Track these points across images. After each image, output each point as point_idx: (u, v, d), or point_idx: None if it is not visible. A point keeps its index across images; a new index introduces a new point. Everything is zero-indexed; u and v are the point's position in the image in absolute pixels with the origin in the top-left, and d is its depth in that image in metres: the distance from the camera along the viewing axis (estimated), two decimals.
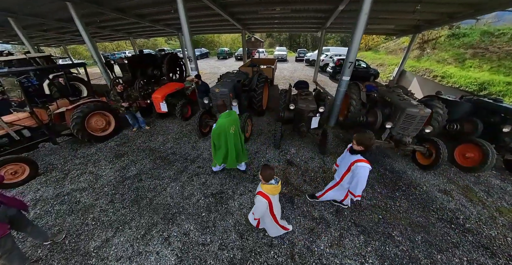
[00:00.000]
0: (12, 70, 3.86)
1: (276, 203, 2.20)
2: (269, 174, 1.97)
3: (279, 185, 2.06)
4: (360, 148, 2.25)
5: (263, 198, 1.99)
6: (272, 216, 2.25)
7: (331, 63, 11.73)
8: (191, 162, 4.29)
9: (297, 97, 4.77)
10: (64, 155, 4.77)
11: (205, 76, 13.02)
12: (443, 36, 10.71)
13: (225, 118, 3.09)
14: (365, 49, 20.86)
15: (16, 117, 4.11)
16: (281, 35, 35.48)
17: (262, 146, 4.92)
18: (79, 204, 3.29)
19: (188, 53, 5.84)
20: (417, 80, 8.44)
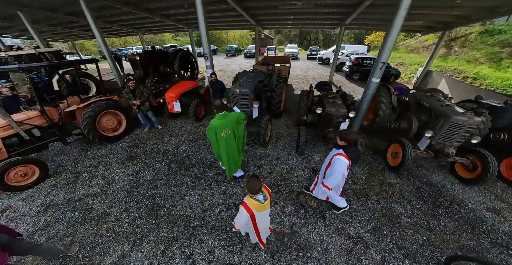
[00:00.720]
0: (23, 66, 3.71)
1: (263, 218, 2.02)
2: (255, 187, 1.81)
3: (265, 204, 1.91)
4: (343, 143, 2.34)
5: (245, 210, 1.85)
6: (256, 231, 2.10)
7: (348, 62, 11.31)
8: (208, 168, 4.07)
9: (323, 100, 4.47)
10: (74, 156, 4.62)
11: None
12: (473, 33, 10.04)
13: (218, 120, 2.85)
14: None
15: (26, 115, 3.96)
16: (290, 32, 34.91)
17: (282, 152, 4.65)
18: (92, 212, 3.11)
19: (204, 50, 5.62)
20: (446, 81, 7.93)
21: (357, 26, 9.72)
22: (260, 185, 1.84)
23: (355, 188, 3.66)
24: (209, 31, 14.36)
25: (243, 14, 8.30)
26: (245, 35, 30.90)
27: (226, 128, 2.91)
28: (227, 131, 2.92)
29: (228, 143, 3.00)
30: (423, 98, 4.22)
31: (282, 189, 3.56)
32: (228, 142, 2.99)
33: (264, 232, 2.23)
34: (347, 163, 2.27)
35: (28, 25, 8.17)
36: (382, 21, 8.22)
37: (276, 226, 2.90)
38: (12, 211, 3.23)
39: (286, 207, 3.22)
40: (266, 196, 1.94)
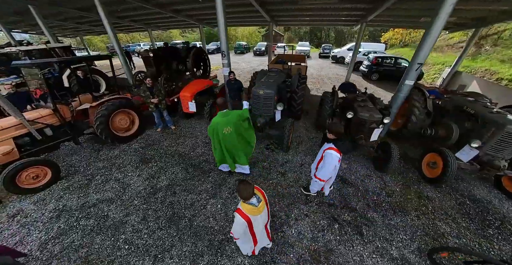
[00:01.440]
0: (37, 62, 3.58)
1: (259, 223, 1.97)
2: (246, 192, 1.77)
3: (260, 206, 1.87)
4: (332, 136, 2.46)
5: (241, 217, 1.79)
6: (252, 236, 2.02)
7: (366, 61, 10.91)
8: (228, 174, 3.87)
9: (351, 103, 4.20)
10: (85, 156, 4.49)
11: None
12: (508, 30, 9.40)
13: (220, 117, 3.00)
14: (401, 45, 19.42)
15: (38, 114, 3.83)
16: (300, 29, 34.31)
17: (306, 158, 4.41)
18: (108, 220, 2.94)
19: (222, 47, 5.42)
20: (478, 83, 7.43)
21: (379, 23, 9.30)
22: (252, 189, 1.80)
23: (391, 201, 3.39)
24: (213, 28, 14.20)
25: (259, 10, 8.07)
26: (253, 32, 30.59)
27: (228, 125, 3.00)
28: (228, 128, 3.02)
29: (229, 140, 3.10)
30: (466, 103, 3.90)
31: (311, 200, 3.32)
32: (229, 139, 3.09)
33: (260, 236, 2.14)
34: (338, 156, 2.39)
35: (38, 20, 8.16)
36: (409, 17, 7.81)
37: (310, 242, 2.67)
38: (23, 215, 3.09)
39: (318, 220, 2.98)
40: (260, 198, 1.91)
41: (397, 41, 19.74)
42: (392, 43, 20.30)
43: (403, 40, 19.60)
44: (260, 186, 3.55)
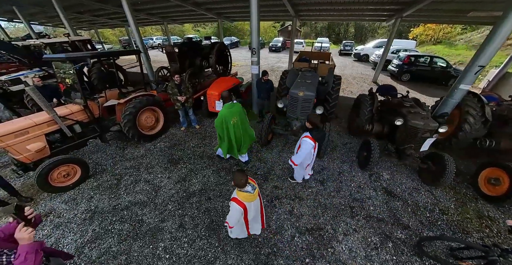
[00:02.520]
0: (72, 56, 3.56)
1: (252, 209, 2.12)
2: (242, 181, 1.94)
3: (255, 193, 2.05)
4: (309, 125, 2.82)
5: (238, 205, 1.95)
6: (246, 223, 2.22)
7: (395, 59, 10.39)
8: (264, 180, 3.73)
9: (398, 108, 3.93)
10: (111, 154, 4.49)
11: (242, 69, 12.52)
12: None
13: (227, 109, 3.33)
14: (433, 42, 18.12)
15: (69, 110, 3.83)
16: (317, 24, 33.46)
17: (343, 165, 4.20)
18: (143, 225, 2.88)
19: (252, 43, 5.26)
20: None
21: (416, 18, 8.74)
22: (246, 178, 1.97)
23: (447, 219, 3.14)
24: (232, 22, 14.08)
25: (285, 3, 7.85)
26: (268, 27, 30.24)
27: (234, 116, 3.38)
28: (235, 119, 3.40)
29: (236, 129, 3.48)
30: None
31: (357, 213, 3.13)
32: (236, 128, 3.47)
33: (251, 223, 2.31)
34: (312, 144, 2.75)
35: (60, 12, 8.29)
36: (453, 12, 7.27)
37: (365, 262, 2.49)
38: (56, 215, 3.09)
39: (369, 237, 2.79)
40: (254, 186, 2.08)
41: (428, 38, 18.59)
42: (422, 39, 19.15)
43: (435, 36, 18.33)
44: (299, 195, 3.41)
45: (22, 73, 6.58)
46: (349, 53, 18.15)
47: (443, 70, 9.14)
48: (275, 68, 13.49)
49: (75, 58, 3.56)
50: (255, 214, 2.23)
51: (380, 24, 29.10)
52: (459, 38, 15.67)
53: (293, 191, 3.49)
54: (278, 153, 4.54)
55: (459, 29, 16.56)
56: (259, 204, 2.24)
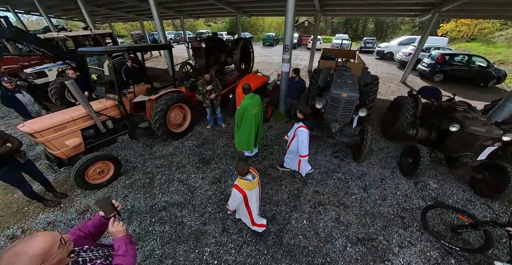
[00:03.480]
0: (110, 50, 3.57)
1: (253, 198, 2.30)
2: (243, 169, 2.11)
3: (255, 181, 2.22)
4: (301, 115, 3.19)
5: (238, 192, 2.13)
6: (248, 211, 2.36)
7: (427, 58, 9.96)
8: (302, 183, 3.64)
9: (451, 113, 3.72)
10: (139, 152, 4.52)
11: (257, 66, 12.42)
12: None
13: (247, 100, 3.48)
14: (466, 39, 16.95)
15: (103, 105, 3.85)
16: (333, 19, 32.64)
17: (384, 171, 4.05)
18: (185, 228, 2.85)
19: (285, 40, 5.15)
20: None
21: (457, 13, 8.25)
22: (248, 167, 2.15)
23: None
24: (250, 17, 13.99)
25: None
26: (282, 22, 29.87)
27: (255, 106, 3.54)
28: (255, 109, 3.55)
29: (257, 120, 3.66)
30: None
31: (409, 224, 2.99)
32: (257, 119, 3.65)
33: (255, 211, 2.44)
34: (307, 132, 3.12)
35: (81, 4, 8.46)
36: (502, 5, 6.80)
37: None
38: (92, 213, 3.11)
39: (428, 251, 2.65)
40: (254, 175, 2.26)
41: (460, 34, 17.34)
42: (453, 36, 17.87)
43: (469, 33, 17.08)
44: (342, 201, 3.29)
45: (46, 66, 6.75)
46: (370, 51, 17.69)
47: (483, 70, 8.68)
48: (294, 65, 13.31)
49: (113, 52, 3.56)
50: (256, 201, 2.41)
51: (403, 20, 28.18)
52: (498, 34, 14.66)
53: (336, 197, 3.39)
54: (312, 155, 4.42)
55: (499, 23, 15.42)
56: (258, 192, 2.45)
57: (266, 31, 28.62)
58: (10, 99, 4.32)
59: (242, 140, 3.74)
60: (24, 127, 3.04)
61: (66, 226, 2.93)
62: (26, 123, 3.10)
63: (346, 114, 3.97)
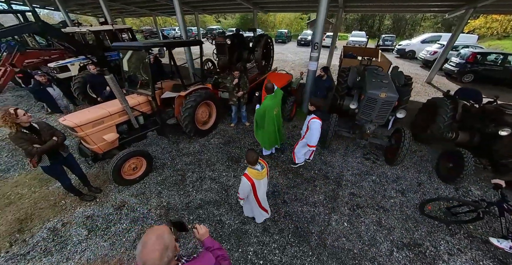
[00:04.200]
0: (148, 45, 3.65)
1: (261, 187, 2.48)
2: (253, 158, 2.25)
3: (263, 172, 2.37)
4: (312, 108, 3.30)
5: (246, 180, 2.30)
6: (256, 199, 2.52)
7: (455, 57, 9.69)
8: (337, 185, 3.64)
9: (502, 117, 3.62)
10: (166, 148, 4.61)
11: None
12: None
13: (270, 100, 3.59)
14: (498, 36, 16.24)
15: (136, 101, 3.95)
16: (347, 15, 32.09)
17: (420, 175, 3.99)
18: (224, 227, 2.90)
19: (316, 37, 5.14)
20: None
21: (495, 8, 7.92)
22: (257, 156, 2.29)
23: None
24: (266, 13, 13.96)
25: None
26: (295, 18, 29.77)
27: (276, 107, 3.68)
28: (276, 109, 3.70)
29: (278, 119, 3.81)
30: None
31: (456, 232, 2.94)
32: (278, 118, 3.81)
33: (263, 200, 2.63)
34: (320, 122, 3.23)
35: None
36: None
37: None
38: (130, 209, 3.21)
39: (480, 260, 2.61)
40: (263, 166, 2.40)
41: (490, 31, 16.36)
42: (482, 33, 16.90)
43: (500, 30, 16.14)
44: (381, 204, 3.27)
45: (69, 61, 6.95)
46: (389, 49, 17.37)
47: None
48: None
49: (151, 47, 3.63)
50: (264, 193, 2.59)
51: (424, 16, 27.45)
52: None
53: (374, 200, 3.37)
54: (342, 157, 4.42)
55: None
56: (267, 183, 2.62)
57: (277, 28, 28.45)
58: (42, 93, 4.49)
59: (269, 138, 3.91)
60: (65, 121, 3.15)
61: (104, 220, 3.03)
62: (66, 117, 3.21)
63: (382, 115, 3.93)
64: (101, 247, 2.67)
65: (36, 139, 2.58)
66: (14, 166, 4.31)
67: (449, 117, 4.25)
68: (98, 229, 2.90)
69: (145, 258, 0.89)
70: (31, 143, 2.51)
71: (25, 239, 2.81)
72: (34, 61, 7.24)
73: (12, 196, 3.54)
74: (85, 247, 2.69)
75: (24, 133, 2.49)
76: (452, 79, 9.81)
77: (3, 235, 2.87)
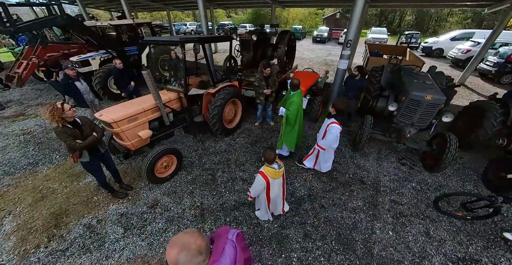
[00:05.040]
0: (185, 39, 3.62)
1: (275, 187, 2.50)
2: (271, 156, 2.29)
3: (280, 171, 2.39)
4: (333, 111, 3.16)
5: (262, 178, 2.34)
6: (267, 198, 2.55)
7: (493, 56, 9.09)
8: (375, 191, 3.56)
9: None
10: (192, 147, 4.64)
11: None
12: None
13: (299, 97, 3.63)
14: None
15: (168, 97, 3.98)
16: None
17: (465, 184, 3.84)
18: (263, 230, 2.88)
19: (349, 34, 5.03)
20: None
21: None
22: (275, 154, 2.33)
23: None
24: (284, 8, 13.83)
25: None
26: (309, 14, 29.39)
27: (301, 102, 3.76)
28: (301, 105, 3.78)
29: (302, 115, 3.86)
30: None
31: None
32: (302, 114, 3.85)
33: (273, 203, 2.69)
34: (340, 128, 3.10)
35: None
36: None
37: None
38: (163, 208, 3.24)
39: None
40: (280, 165, 2.41)
41: None
42: None
43: None
44: (426, 214, 3.17)
45: (91, 55, 7.11)
46: (413, 47, 16.84)
47: None
48: (328, 61, 13.08)
49: (186, 42, 3.63)
50: (278, 193, 2.62)
51: (451, 11, 26.43)
52: None
53: (418, 209, 3.27)
54: (375, 161, 4.32)
55: None
56: (281, 183, 2.62)
57: (290, 23, 28.20)
58: (70, 87, 4.60)
59: (298, 136, 3.95)
60: (102, 116, 3.20)
61: (139, 219, 3.07)
62: (103, 112, 3.27)
63: (425, 118, 3.80)
64: (139, 247, 2.71)
65: (78, 134, 2.63)
66: (42, 159, 4.45)
67: (498, 122, 4.06)
68: (134, 228, 2.94)
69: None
70: (74, 139, 2.57)
71: (62, 235, 2.89)
72: (54, 54, 7.46)
73: (44, 190, 3.66)
74: (123, 245, 2.73)
75: (68, 128, 2.55)
76: (488, 80, 9.38)
77: (41, 230, 2.96)
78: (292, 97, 3.64)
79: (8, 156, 4.57)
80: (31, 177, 3.97)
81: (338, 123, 3.09)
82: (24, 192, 3.62)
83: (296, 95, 3.63)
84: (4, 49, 16.03)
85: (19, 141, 5.12)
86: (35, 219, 3.14)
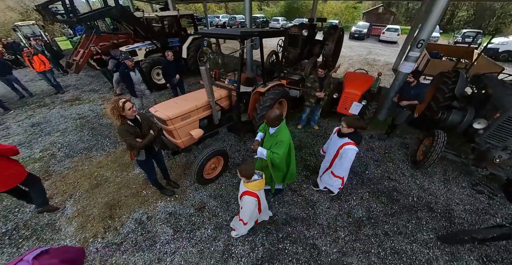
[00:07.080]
0: (247, 32, 3.23)
1: (262, 196, 2.29)
2: (249, 171, 2.03)
3: (263, 179, 2.13)
4: (350, 130, 2.47)
5: (251, 197, 2.06)
6: (259, 211, 2.35)
7: None
8: (448, 222, 2.93)
9: None
10: (235, 147, 4.37)
11: None
12: None
13: (286, 134, 2.49)
14: None
15: (219, 94, 3.69)
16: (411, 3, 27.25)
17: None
18: (321, 255, 2.49)
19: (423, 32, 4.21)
20: None
21: None
22: (252, 168, 2.07)
23: None
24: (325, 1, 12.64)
25: None
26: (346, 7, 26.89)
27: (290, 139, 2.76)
28: None
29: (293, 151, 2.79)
30: None
31: None
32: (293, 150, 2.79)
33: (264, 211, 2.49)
34: (357, 150, 2.51)
35: None
36: None
37: None
38: (211, 212, 3.02)
39: None
40: (261, 172, 2.17)
41: None
42: None
43: None
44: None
45: (137, 46, 7.11)
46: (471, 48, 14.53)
47: None
48: (370, 61, 11.87)
49: (247, 36, 3.23)
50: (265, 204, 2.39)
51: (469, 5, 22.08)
52: None
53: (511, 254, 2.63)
54: (443, 183, 3.63)
55: None
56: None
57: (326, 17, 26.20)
58: (127, 76, 4.58)
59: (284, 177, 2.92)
60: (157, 112, 3.01)
61: (187, 222, 2.89)
62: (158, 108, 3.07)
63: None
64: (190, 253, 2.52)
65: (138, 132, 2.46)
66: (95, 145, 4.53)
67: None
68: (183, 231, 2.77)
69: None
70: (134, 137, 2.40)
71: (116, 228, 2.83)
72: (105, 44, 7.62)
73: (99, 177, 3.68)
74: (174, 248, 2.57)
75: (129, 126, 2.37)
76: None
77: (97, 219, 2.94)
78: (278, 134, 2.42)
79: (68, 139, 4.75)
80: (87, 162, 4.04)
81: (354, 144, 2.49)
82: (81, 177, 3.69)
83: (282, 132, 2.43)
84: (64, 37, 17.21)
85: (76, 125, 5.31)
86: (92, 206, 3.15)
